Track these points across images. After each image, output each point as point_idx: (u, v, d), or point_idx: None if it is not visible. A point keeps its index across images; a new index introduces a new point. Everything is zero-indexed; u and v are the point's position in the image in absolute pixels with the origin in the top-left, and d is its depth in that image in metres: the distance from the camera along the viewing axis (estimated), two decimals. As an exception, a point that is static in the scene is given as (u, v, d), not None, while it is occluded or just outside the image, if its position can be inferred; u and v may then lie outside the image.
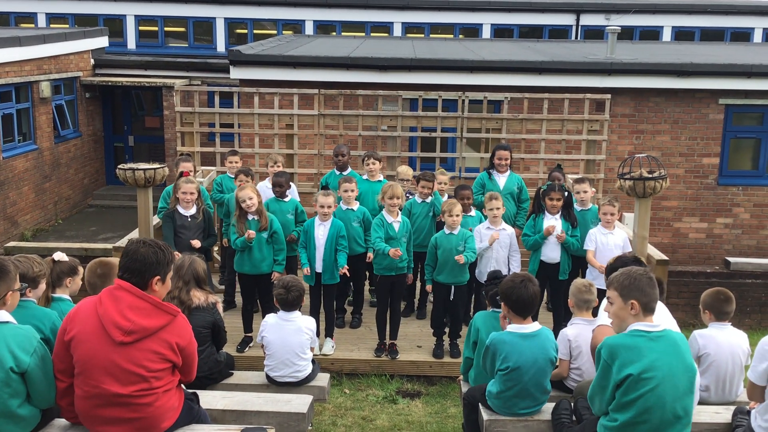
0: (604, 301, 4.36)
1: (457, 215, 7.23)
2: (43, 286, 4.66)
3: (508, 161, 8.71)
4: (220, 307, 5.71)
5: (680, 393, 3.89)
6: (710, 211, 13.51)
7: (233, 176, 8.70)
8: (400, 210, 7.55)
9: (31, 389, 3.87)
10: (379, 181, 8.47)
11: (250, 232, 7.14)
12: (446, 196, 8.31)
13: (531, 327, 4.83)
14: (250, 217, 7.28)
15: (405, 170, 9.11)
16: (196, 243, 7.57)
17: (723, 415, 4.75)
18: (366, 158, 8.62)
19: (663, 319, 4.42)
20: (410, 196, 8.13)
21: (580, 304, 5.55)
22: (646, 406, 3.84)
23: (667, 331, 3.98)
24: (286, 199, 8.03)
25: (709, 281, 10.20)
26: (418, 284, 8.64)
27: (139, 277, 3.81)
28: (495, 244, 7.53)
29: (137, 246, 3.86)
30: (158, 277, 3.86)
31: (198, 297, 5.52)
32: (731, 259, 11.35)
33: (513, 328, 4.85)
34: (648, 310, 3.97)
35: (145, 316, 3.76)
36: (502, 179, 8.66)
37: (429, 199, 8.05)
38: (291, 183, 8.39)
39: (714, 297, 5.33)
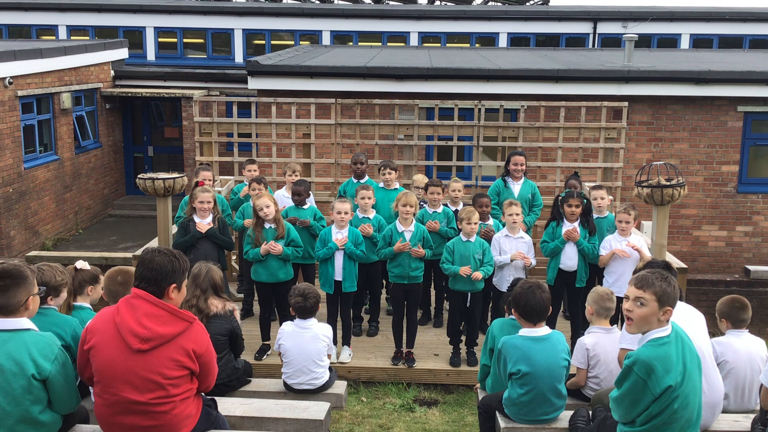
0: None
1: (475, 223, 7.23)
2: (64, 294, 4.72)
3: (524, 167, 8.70)
4: (237, 314, 5.75)
5: (699, 387, 3.89)
6: (730, 219, 13.40)
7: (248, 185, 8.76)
8: (414, 216, 7.56)
9: (53, 396, 3.92)
10: (395, 189, 8.50)
11: (265, 246, 7.17)
12: (461, 204, 8.31)
13: (541, 331, 4.85)
14: (267, 225, 7.31)
15: (420, 178, 9.14)
16: (202, 226, 7.59)
17: (742, 423, 4.71)
18: (382, 167, 8.64)
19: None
20: (424, 205, 8.14)
21: (600, 312, 5.54)
22: (675, 408, 3.79)
23: (673, 324, 3.95)
24: (306, 207, 8.08)
25: (729, 290, 10.13)
26: (434, 292, 8.65)
27: (155, 285, 3.86)
28: (515, 253, 7.49)
29: (152, 255, 3.91)
30: (174, 285, 3.91)
31: (216, 305, 5.56)
32: (751, 268, 11.27)
33: (524, 332, 4.88)
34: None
35: (162, 324, 3.80)
36: (516, 187, 8.65)
37: (441, 209, 8.05)
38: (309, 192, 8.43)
39: (729, 305, 5.29)
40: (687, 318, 4.74)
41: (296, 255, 7.42)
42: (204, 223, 7.66)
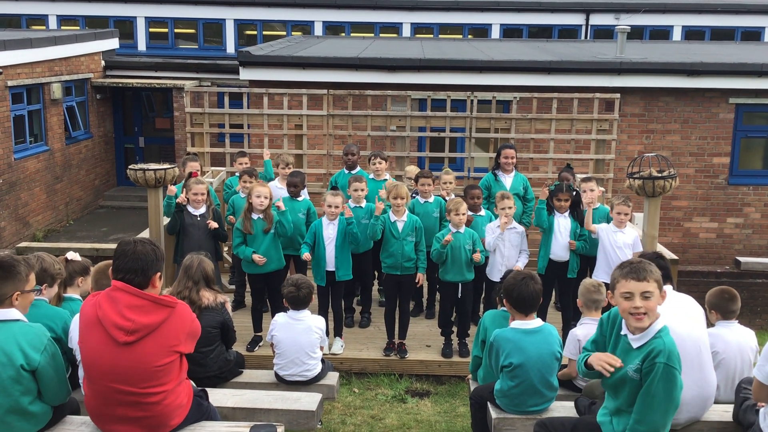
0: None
1: (463, 214, 7.24)
2: (56, 287, 4.71)
3: (514, 160, 8.70)
4: (228, 306, 5.74)
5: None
6: (721, 210, 13.46)
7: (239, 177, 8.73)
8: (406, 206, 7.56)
9: (42, 387, 3.91)
10: (385, 180, 8.50)
11: (258, 258, 7.21)
12: (453, 195, 8.32)
13: (533, 323, 4.85)
14: (255, 216, 7.31)
15: (412, 169, 9.14)
16: (213, 224, 7.63)
17: (732, 413, 4.73)
18: (372, 157, 8.64)
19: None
20: (416, 196, 8.15)
21: (589, 304, 5.56)
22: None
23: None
24: (300, 199, 8.07)
25: (720, 281, 10.17)
26: (426, 284, 8.66)
27: (142, 275, 3.83)
28: (507, 243, 7.50)
29: (134, 246, 3.87)
30: (159, 273, 3.91)
31: (207, 297, 5.55)
32: (742, 259, 11.31)
33: (516, 324, 4.88)
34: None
35: (145, 314, 3.78)
36: (507, 180, 8.64)
37: (432, 199, 8.05)
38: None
39: (719, 296, 5.31)
40: (686, 309, 4.74)
41: (290, 227, 7.44)
42: (196, 214, 7.65)
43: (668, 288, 4.82)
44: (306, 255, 7.35)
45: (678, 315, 4.54)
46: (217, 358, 5.54)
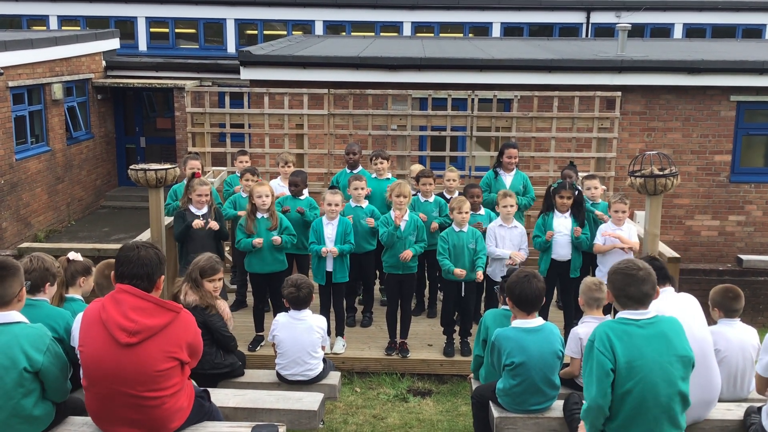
0: None
1: (467, 212, 7.24)
2: (55, 286, 4.71)
3: (516, 159, 8.69)
4: (225, 309, 5.69)
5: (672, 380, 3.90)
6: (722, 208, 13.43)
7: (241, 175, 8.74)
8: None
9: (47, 385, 3.93)
10: (387, 179, 8.50)
11: (257, 241, 7.19)
12: (457, 193, 8.31)
13: (535, 322, 4.85)
14: (259, 215, 7.30)
15: (417, 168, 9.15)
16: (214, 224, 7.58)
17: (735, 411, 4.73)
18: (374, 157, 8.63)
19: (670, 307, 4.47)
20: (417, 194, 8.14)
21: (590, 303, 5.55)
22: (643, 395, 3.86)
23: (657, 317, 4.01)
24: (302, 197, 8.07)
25: (722, 279, 10.14)
26: (428, 282, 8.66)
27: (148, 280, 3.83)
28: (507, 243, 7.51)
29: (137, 251, 3.86)
30: (163, 276, 3.93)
31: (190, 295, 5.53)
32: (744, 257, 11.27)
33: (517, 323, 4.87)
34: (620, 303, 4.08)
35: (149, 316, 3.77)
36: (508, 178, 8.63)
37: (432, 198, 8.04)
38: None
39: (723, 294, 5.30)
40: (689, 311, 4.73)
41: (292, 242, 7.42)
42: (199, 213, 7.65)
43: (669, 289, 4.82)
44: (324, 250, 7.32)
45: (684, 318, 4.51)
46: (206, 357, 5.45)
